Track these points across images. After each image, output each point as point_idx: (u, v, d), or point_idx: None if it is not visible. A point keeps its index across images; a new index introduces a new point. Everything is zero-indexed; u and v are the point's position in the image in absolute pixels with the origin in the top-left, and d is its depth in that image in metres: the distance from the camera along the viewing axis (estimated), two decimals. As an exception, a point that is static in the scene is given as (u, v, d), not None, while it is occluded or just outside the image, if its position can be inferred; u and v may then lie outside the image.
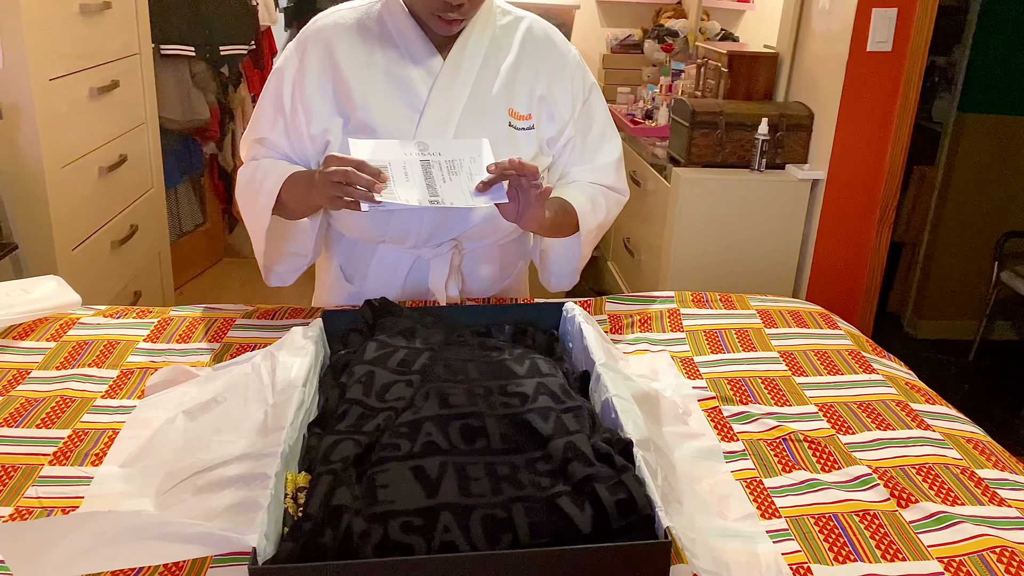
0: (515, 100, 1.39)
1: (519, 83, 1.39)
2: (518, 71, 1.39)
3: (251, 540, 0.76)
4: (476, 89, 1.36)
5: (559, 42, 1.45)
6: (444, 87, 1.34)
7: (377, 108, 1.34)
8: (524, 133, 1.39)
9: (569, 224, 1.41)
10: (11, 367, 1.22)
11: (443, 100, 1.34)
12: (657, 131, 3.11)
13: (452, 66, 1.35)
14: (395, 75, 1.35)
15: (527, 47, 1.41)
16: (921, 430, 1.10)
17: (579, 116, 1.44)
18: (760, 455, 1.05)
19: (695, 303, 1.48)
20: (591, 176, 1.47)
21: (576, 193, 1.43)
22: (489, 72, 1.38)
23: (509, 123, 1.37)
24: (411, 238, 1.40)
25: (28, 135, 2.21)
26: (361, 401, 0.99)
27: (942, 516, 0.92)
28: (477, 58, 1.37)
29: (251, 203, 1.38)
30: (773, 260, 2.66)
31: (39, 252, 2.29)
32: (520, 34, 1.41)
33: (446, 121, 1.34)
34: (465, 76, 1.36)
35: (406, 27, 1.35)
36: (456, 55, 1.35)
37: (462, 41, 1.36)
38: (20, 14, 2.11)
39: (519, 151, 1.36)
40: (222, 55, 3.43)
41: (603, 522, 0.82)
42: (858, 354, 1.31)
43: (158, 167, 3.06)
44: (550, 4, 3.72)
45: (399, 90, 1.35)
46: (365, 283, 1.48)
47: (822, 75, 2.56)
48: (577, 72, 1.44)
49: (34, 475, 0.99)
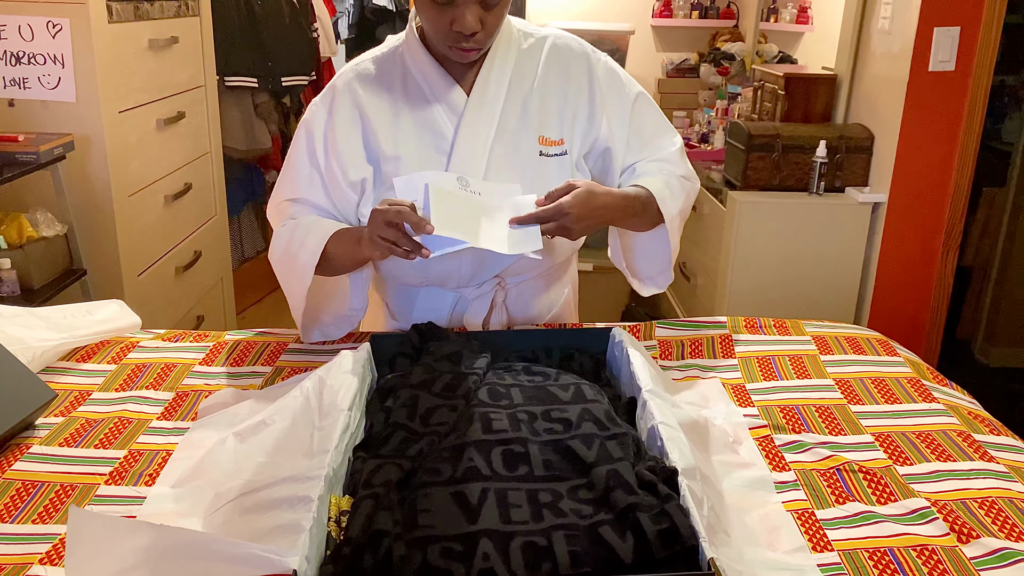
0: (545, 126, 1.36)
1: (548, 107, 1.37)
2: (545, 94, 1.37)
3: (292, 562, 0.77)
4: (504, 121, 1.34)
5: (585, 53, 1.40)
6: (470, 124, 1.33)
7: (407, 155, 1.33)
8: (556, 160, 1.36)
9: (648, 214, 1.35)
10: (74, 388, 1.26)
11: (470, 137, 1.33)
12: (713, 155, 3.08)
13: (477, 101, 1.33)
14: (422, 118, 1.34)
15: (551, 67, 1.38)
16: (984, 462, 1.06)
17: (629, 121, 1.41)
18: (812, 486, 1.02)
19: (748, 329, 1.45)
20: (658, 166, 1.43)
21: (650, 180, 1.37)
22: (515, 101, 1.35)
23: (540, 152, 1.35)
24: (453, 280, 1.39)
25: (98, 165, 2.30)
26: (405, 425, 1.00)
27: (1006, 553, 0.88)
28: (502, 89, 1.34)
29: (290, 263, 1.33)
30: (833, 285, 2.60)
31: (107, 278, 2.37)
32: (544, 55, 1.38)
33: (475, 159, 1.32)
34: (491, 109, 1.34)
35: (427, 67, 1.33)
36: (480, 89, 1.33)
37: (485, 73, 1.34)
38: (93, 51, 2.21)
39: (549, 179, 1.33)
40: (284, 86, 3.53)
41: (646, 552, 0.80)
42: (918, 382, 1.27)
43: (221, 195, 3.15)
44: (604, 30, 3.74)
45: (427, 133, 1.34)
46: (408, 321, 1.45)
47: (882, 96, 2.51)
48: (606, 79, 1.40)
49: (91, 494, 1.01)
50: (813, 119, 2.73)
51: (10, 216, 2.19)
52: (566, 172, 1.37)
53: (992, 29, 2.30)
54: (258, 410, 1.17)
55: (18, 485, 1.02)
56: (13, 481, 1.03)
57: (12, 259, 2.09)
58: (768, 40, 3.70)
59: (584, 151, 1.39)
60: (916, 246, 2.54)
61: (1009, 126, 3.60)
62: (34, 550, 0.91)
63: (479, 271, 1.38)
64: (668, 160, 1.44)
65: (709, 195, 2.81)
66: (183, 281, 2.81)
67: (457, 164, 1.32)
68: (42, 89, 2.25)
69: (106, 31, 2.26)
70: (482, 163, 1.33)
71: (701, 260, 2.94)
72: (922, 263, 2.56)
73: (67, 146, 2.22)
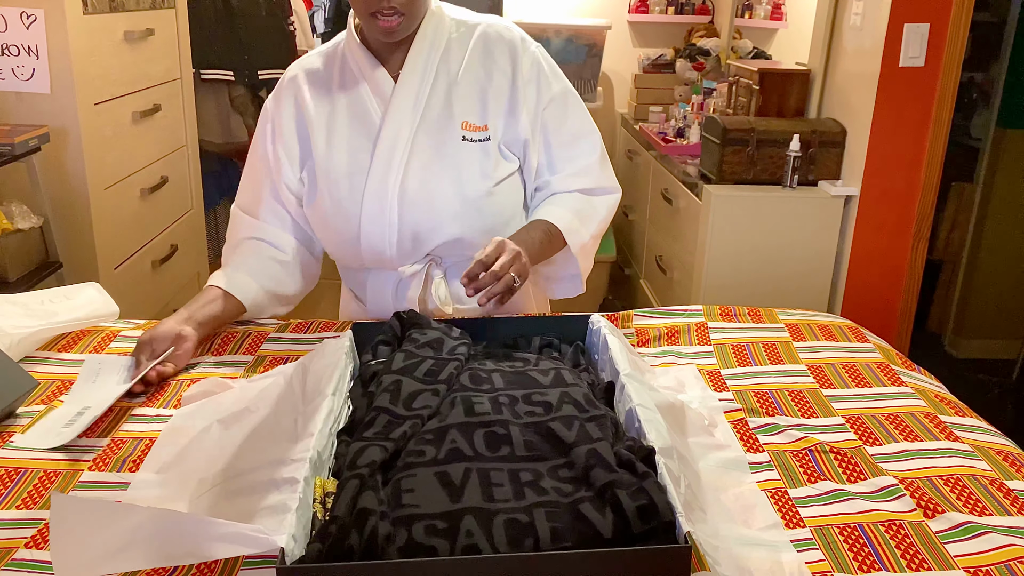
0: (469, 111, 1.39)
1: (472, 93, 1.40)
2: (470, 80, 1.40)
3: (279, 541, 0.78)
4: (429, 106, 1.38)
5: (513, 41, 1.42)
6: (396, 111, 1.37)
7: (339, 147, 1.39)
8: (479, 145, 1.39)
9: (555, 248, 1.41)
10: (55, 378, 1.26)
11: (394, 123, 1.37)
12: (688, 149, 3.12)
13: (403, 88, 1.37)
14: (353, 107, 1.40)
15: (478, 53, 1.41)
16: (950, 442, 1.09)
17: (546, 119, 1.43)
18: (786, 466, 1.05)
19: (723, 317, 1.48)
20: (571, 183, 1.45)
21: (557, 210, 1.42)
22: (440, 87, 1.39)
23: (463, 136, 1.39)
24: (386, 259, 1.43)
25: (74, 158, 2.29)
26: (388, 409, 1.01)
27: (969, 526, 0.91)
28: (428, 75, 1.38)
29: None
30: (806, 278, 2.64)
31: (83, 271, 2.36)
32: (472, 42, 1.41)
33: (399, 143, 1.37)
34: (417, 95, 1.38)
35: (359, 54, 1.39)
36: (407, 76, 1.38)
37: (412, 60, 1.38)
38: (68, 42, 2.19)
39: (472, 165, 1.38)
40: (260, 79, 3.52)
41: (625, 528, 0.82)
42: (887, 367, 1.30)
43: (198, 188, 3.14)
44: (581, 25, 3.76)
45: (357, 121, 1.39)
46: (366, 303, 1.53)
47: (854, 91, 2.55)
48: (530, 71, 1.41)
49: (74, 480, 1.02)
50: (787, 114, 2.78)
51: (-15, 208, 2.18)
52: (490, 158, 1.39)
53: (960, 26, 2.35)
54: (242, 398, 1.17)
55: (1, 472, 1.03)
56: (-4, 468, 1.03)
57: (-13, 251, 2.07)
58: (743, 36, 3.75)
59: (507, 139, 1.42)
60: (887, 239, 2.59)
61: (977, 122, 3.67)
62: (19, 535, 0.91)
63: (410, 251, 1.42)
64: (586, 172, 1.46)
65: (685, 189, 2.84)
66: (160, 275, 2.80)
67: (382, 152, 1.37)
68: (16, 80, 2.23)
69: (81, 22, 2.25)
70: (406, 147, 1.37)
71: (677, 253, 2.98)
72: (893, 256, 2.61)
73: (42, 138, 2.20)
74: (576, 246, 1.41)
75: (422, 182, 1.38)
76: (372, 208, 1.38)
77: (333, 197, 1.40)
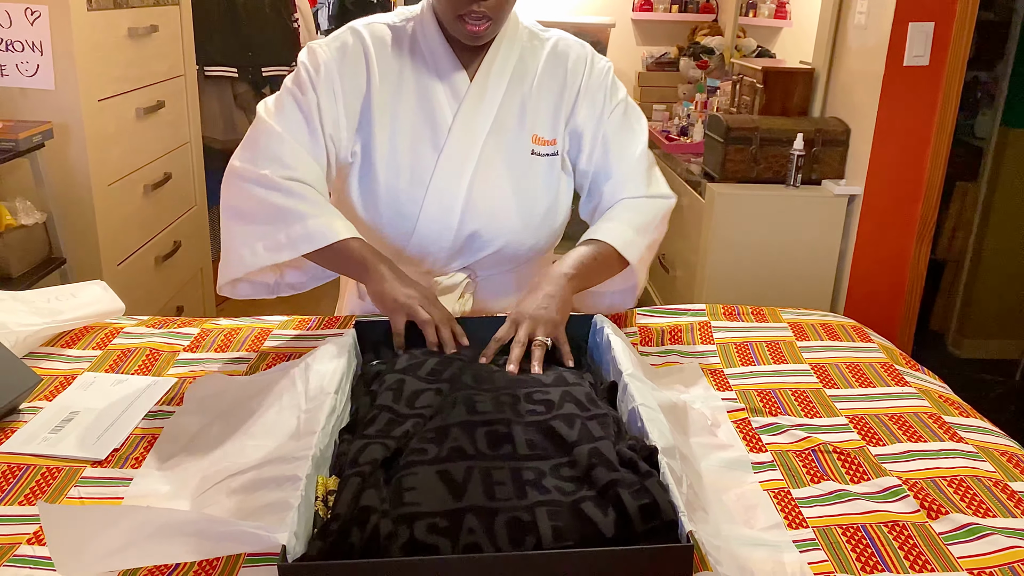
0: (538, 124, 1.37)
1: (543, 106, 1.38)
2: (541, 93, 1.38)
3: (281, 538, 0.78)
4: (500, 114, 1.35)
5: (586, 55, 1.41)
6: (469, 111, 1.34)
7: (402, 135, 1.34)
8: (547, 160, 1.38)
9: (609, 267, 1.33)
10: (59, 374, 1.26)
11: (467, 124, 1.34)
12: (692, 147, 3.12)
13: (478, 89, 1.34)
14: (423, 100, 1.34)
15: (550, 66, 1.39)
16: (954, 442, 1.09)
17: (608, 126, 1.39)
18: (788, 466, 1.04)
19: (726, 316, 1.48)
20: (625, 190, 1.39)
21: (610, 225, 1.34)
22: (513, 96, 1.36)
23: (532, 150, 1.37)
24: (428, 259, 1.39)
25: (78, 154, 2.29)
26: (391, 408, 1.01)
27: (973, 528, 0.91)
28: (502, 81, 1.35)
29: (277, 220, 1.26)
30: (809, 277, 2.64)
31: (86, 267, 2.36)
32: (544, 54, 1.39)
33: (470, 146, 1.34)
34: (490, 100, 1.35)
35: (436, 44, 1.34)
36: (482, 78, 1.34)
37: (488, 63, 1.35)
38: (72, 38, 2.19)
39: (538, 180, 1.36)
40: (264, 76, 3.52)
41: (627, 527, 0.82)
42: (891, 367, 1.30)
43: (201, 185, 3.14)
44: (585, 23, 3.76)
45: (426, 116, 1.34)
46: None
47: (858, 90, 2.55)
48: (599, 75, 1.40)
49: (76, 476, 1.02)
50: (790, 112, 2.77)
51: (-12, 204, 2.18)
52: (554, 173, 1.38)
53: (965, 25, 2.34)
54: (244, 395, 1.17)
55: (3, 468, 1.03)
56: (-1, 464, 1.03)
57: (-9, 247, 2.08)
58: (747, 35, 3.74)
59: (571, 148, 1.40)
60: (890, 239, 2.58)
61: (981, 122, 3.67)
62: (21, 531, 0.91)
63: (455, 257, 1.40)
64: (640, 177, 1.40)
65: (688, 187, 2.84)
66: (162, 271, 2.81)
67: (451, 151, 1.33)
68: (20, 76, 2.23)
69: (85, 18, 2.25)
70: (475, 152, 1.34)
71: (680, 251, 2.97)
72: (896, 256, 2.61)
73: (46, 134, 2.20)
74: (635, 259, 1.32)
75: (489, 192, 1.36)
76: (433, 209, 1.34)
77: (390, 186, 1.34)
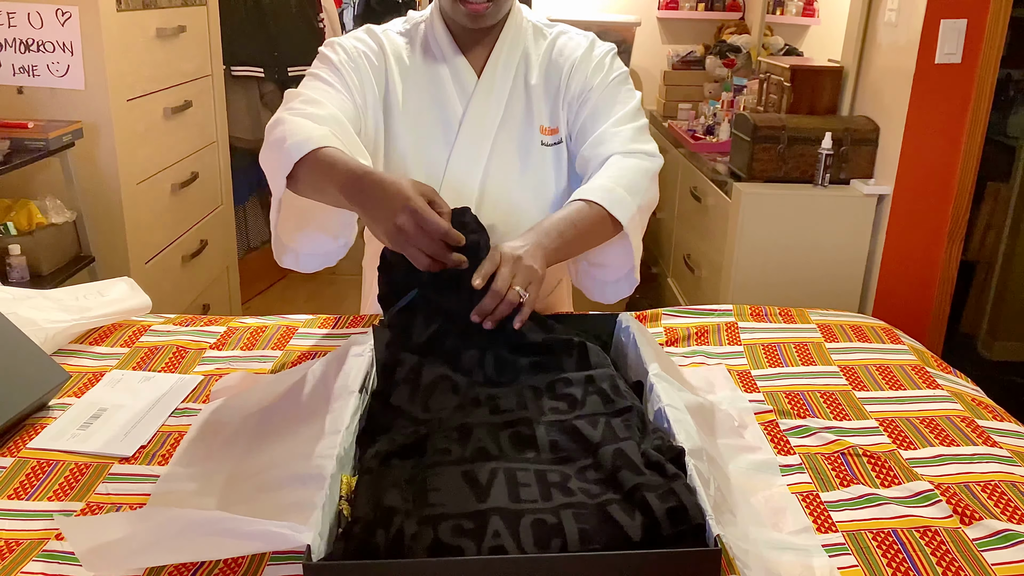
0: (544, 115, 1.39)
1: (547, 95, 1.39)
2: (545, 83, 1.40)
3: (306, 538, 0.78)
4: (509, 108, 1.38)
5: (582, 43, 1.41)
6: (478, 105, 1.36)
7: (416, 128, 1.36)
8: (554, 148, 1.40)
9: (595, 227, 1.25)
10: (87, 371, 1.28)
11: (478, 118, 1.36)
12: (718, 147, 3.09)
13: (486, 84, 1.37)
14: (435, 95, 1.37)
15: (552, 57, 1.40)
16: (987, 447, 1.07)
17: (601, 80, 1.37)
18: (817, 469, 1.03)
19: (753, 317, 1.46)
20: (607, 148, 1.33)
21: (594, 185, 1.27)
22: (519, 89, 1.39)
23: (541, 141, 1.38)
24: None
25: (106, 153, 2.31)
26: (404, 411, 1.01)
27: (1008, 534, 0.89)
28: (509, 75, 1.38)
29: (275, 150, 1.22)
30: (838, 277, 2.61)
31: (114, 265, 2.39)
32: (546, 44, 1.41)
33: (481, 140, 1.36)
34: (498, 95, 1.37)
35: (444, 40, 1.37)
36: (489, 73, 1.37)
37: (494, 59, 1.37)
38: (102, 39, 2.22)
39: (550, 168, 1.38)
40: (290, 75, 3.54)
41: (654, 530, 0.81)
42: (922, 369, 1.28)
43: (227, 184, 3.16)
44: (611, 21, 3.75)
45: (438, 109, 1.37)
46: None
47: (888, 88, 2.51)
48: (599, 54, 1.39)
49: (104, 472, 1.03)
50: (818, 111, 2.74)
51: (19, 203, 2.21)
52: (562, 160, 1.40)
53: (999, 22, 2.30)
54: (269, 394, 1.18)
55: (33, 463, 1.04)
56: (28, 459, 1.04)
57: (22, 245, 2.10)
58: (774, 33, 3.71)
59: (567, 126, 1.40)
60: (920, 239, 2.54)
61: (1014, 120, 3.60)
62: (51, 526, 0.92)
63: None
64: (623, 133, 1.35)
65: (714, 187, 2.81)
66: (189, 269, 2.83)
67: (463, 144, 1.35)
68: (51, 76, 2.26)
69: (114, 19, 2.27)
70: (487, 145, 1.36)
71: (705, 252, 2.95)
72: (926, 256, 2.56)
73: (76, 133, 2.23)
74: (624, 218, 1.25)
75: (503, 184, 1.38)
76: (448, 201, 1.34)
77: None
